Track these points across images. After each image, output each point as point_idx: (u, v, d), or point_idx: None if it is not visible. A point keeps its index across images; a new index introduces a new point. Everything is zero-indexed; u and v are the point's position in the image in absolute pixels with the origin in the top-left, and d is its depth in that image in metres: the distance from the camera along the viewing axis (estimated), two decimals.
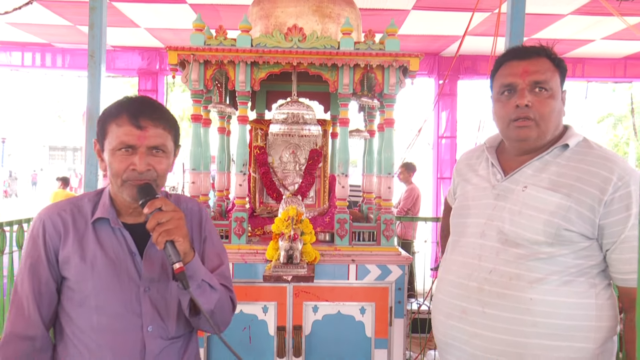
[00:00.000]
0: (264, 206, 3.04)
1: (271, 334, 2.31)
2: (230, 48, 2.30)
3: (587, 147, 1.40)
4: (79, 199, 1.31)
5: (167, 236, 1.15)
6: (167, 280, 1.29)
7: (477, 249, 1.42)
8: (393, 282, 2.33)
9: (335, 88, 2.36)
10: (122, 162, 1.21)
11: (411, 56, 2.30)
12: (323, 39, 2.32)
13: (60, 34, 6.69)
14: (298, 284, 2.26)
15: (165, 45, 7.18)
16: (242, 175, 2.41)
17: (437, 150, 7.45)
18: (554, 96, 1.38)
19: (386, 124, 2.47)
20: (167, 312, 1.28)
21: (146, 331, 1.25)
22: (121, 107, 1.24)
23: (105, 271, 1.23)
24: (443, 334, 1.47)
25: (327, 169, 3.10)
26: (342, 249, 2.37)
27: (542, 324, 1.29)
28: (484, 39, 6.08)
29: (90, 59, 3.83)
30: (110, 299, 1.23)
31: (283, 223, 2.12)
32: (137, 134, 1.20)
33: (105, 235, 1.27)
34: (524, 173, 1.42)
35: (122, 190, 1.24)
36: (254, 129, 3.06)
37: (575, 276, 1.31)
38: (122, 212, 1.30)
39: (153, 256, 1.29)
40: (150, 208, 1.17)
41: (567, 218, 1.30)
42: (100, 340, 1.22)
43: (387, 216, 2.43)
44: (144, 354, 1.24)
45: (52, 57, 7.53)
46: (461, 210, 1.55)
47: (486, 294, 1.35)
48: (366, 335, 2.34)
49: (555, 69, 1.40)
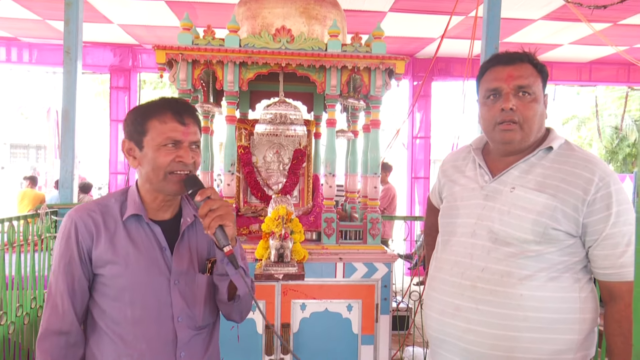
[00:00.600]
0: (248, 205, 3.06)
1: (259, 332, 2.34)
2: (219, 48, 2.31)
3: (569, 150, 1.48)
4: (106, 200, 1.36)
5: (220, 221, 1.23)
6: (195, 273, 1.36)
7: (468, 247, 1.48)
8: (379, 279, 2.39)
9: (323, 89, 2.40)
10: (168, 155, 1.28)
11: (397, 59, 2.36)
12: (311, 41, 2.36)
13: (28, 28, 6.50)
14: (287, 282, 2.29)
15: (138, 41, 7.08)
16: (230, 175, 2.42)
17: (411, 151, 7.59)
18: (537, 100, 1.45)
19: (372, 125, 2.52)
20: (195, 303, 1.36)
21: (177, 321, 1.32)
22: (164, 106, 1.31)
23: (138, 266, 1.29)
24: (436, 331, 1.53)
25: (310, 169, 3.14)
26: (330, 248, 2.42)
27: (533, 318, 1.36)
28: (458, 42, 6.23)
29: (66, 56, 3.76)
30: (143, 293, 1.29)
31: (273, 222, 2.15)
32: (181, 130, 1.29)
33: (136, 232, 1.32)
34: (511, 174, 1.48)
35: (164, 184, 1.30)
36: (238, 129, 3.07)
37: (561, 272, 1.39)
38: (151, 209, 1.36)
39: (182, 250, 1.36)
40: (202, 196, 1.25)
41: (553, 217, 1.37)
42: (135, 331, 1.28)
43: (373, 215, 2.48)
44: (175, 343, 1.32)
45: (18, 51, 7.30)
46: (450, 210, 1.61)
47: (479, 291, 1.41)
48: (353, 332, 2.39)
49: (538, 74, 1.47)
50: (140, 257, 1.30)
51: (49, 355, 1.26)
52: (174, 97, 1.38)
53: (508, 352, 1.38)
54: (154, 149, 1.29)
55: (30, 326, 3.17)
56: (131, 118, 1.33)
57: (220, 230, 1.23)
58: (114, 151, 7.51)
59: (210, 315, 1.41)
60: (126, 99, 7.43)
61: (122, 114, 7.42)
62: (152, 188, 1.33)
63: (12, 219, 3.05)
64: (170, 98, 1.36)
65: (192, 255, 1.37)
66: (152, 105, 1.33)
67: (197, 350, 1.37)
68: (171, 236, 1.36)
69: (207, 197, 1.25)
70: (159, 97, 1.36)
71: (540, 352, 1.36)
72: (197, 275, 1.36)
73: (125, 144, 1.35)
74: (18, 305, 3.03)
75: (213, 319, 1.44)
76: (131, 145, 1.33)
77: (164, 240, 1.34)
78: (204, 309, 1.38)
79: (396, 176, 7.75)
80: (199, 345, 1.38)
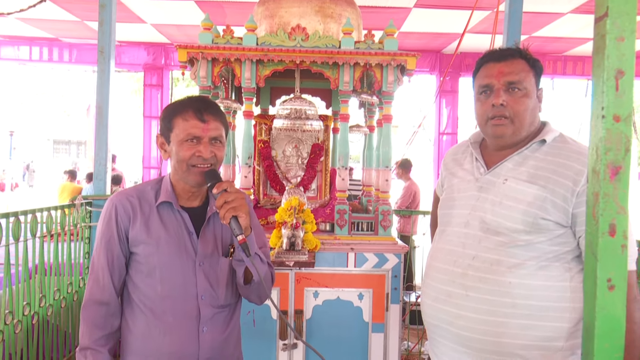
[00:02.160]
0: (267, 198, 3.18)
1: (274, 317, 2.45)
2: (237, 47, 2.43)
3: (562, 142, 1.52)
4: (143, 187, 1.53)
5: (234, 212, 1.35)
6: (218, 257, 1.50)
7: (461, 237, 1.53)
8: (390, 269, 2.46)
9: (336, 85, 2.49)
10: (189, 150, 1.41)
11: (408, 55, 2.42)
12: (325, 38, 2.45)
13: (67, 29, 6.83)
14: (299, 269, 2.39)
15: (170, 40, 7.33)
16: (247, 168, 2.54)
17: (438, 147, 7.57)
18: (528, 95, 1.49)
19: (384, 120, 2.59)
20: (217, 283, 1.49)
21: (200, 299, 1.46)
22: (187, 104, 1.44)
23: (168, 248, 1.44)
24: (430, 317, 1.59)
25: (328, 163, 3.22)
26: (342, 238, 2.51)
27: (521, 305, 1.41)
28: (485, 37, 6.18)
29: (99, 55, 3.97)
30: (172, 272, 1.44)
31: (286, 212, 2.25)
32: (201, 127, 1.41)
33: (167, 217, 1.47)
34: (505, 167, 1.53)
35: (186, 176, 1.44)
36: (258, 124, 3.19)
37: (551, 261, 1.43)
38: (181, 197, 1.50)
39: (208, 235, 1.49)
40: (218, 189, 1.38)
41: (543, 208, 1.41)
42: (163, 306, 1.43)
43: (384, 207, 2.56)
44: (199, 318, 1.46)
45: (59, 51, 7.68)
46: (447, 202, 1.67)
47: (469, 278, 1.47)
48: (364, 320, 2.47)
49: (530, 69, 1.51)
50: (170, 240, 1.44)
51: (90, 321, 1.42)
52: (200, 96, 1.51)
53: (497, 337, 1.43)
54: (178, 144, 1.42)
55: (67, 309, 3.39)
56: (163, 115, 1.48)
57: (235, 220, 1.35)
58: (148, 146, 7.80)
59: (232, 295, 1.54)
60: (159, 96, 7.70)
61: (155, 111, 7.70)
62: (179, 178, 1.47)
63: (50, 209, 3.26)
64: (195, 97, 1.50)
65: (217, 240, 1.51)
66: (178, 103, 1.48)
67: (218, 327, 1.50)
68: (199, 222, 1.49)
69: (223, 190, 1.37)
70: (187, 95, 1.51)
71: (528, 339, 1.40)
72: (220, 259, 1.50)
73: (158, 139, 1.51)
74: (56, 290, 3.25)
75: (235, 299, 1.56)
76: (162, 140, 1.49)
77: (191, 225, 1.47)
78: (226, 289, 1.51)
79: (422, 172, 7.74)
80: (221, 322, 1.51)
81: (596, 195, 0.75)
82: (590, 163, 0.78)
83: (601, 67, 0.74)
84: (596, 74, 0.76)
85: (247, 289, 1.52)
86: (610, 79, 0.73)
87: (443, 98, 7.52)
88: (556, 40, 6.60)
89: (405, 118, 18.76)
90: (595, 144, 0.76)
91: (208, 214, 1.50)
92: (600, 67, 0.75)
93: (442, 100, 7.53)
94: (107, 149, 4.04)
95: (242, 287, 1.52)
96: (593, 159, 0.76)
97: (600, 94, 0.75)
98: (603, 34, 0.74)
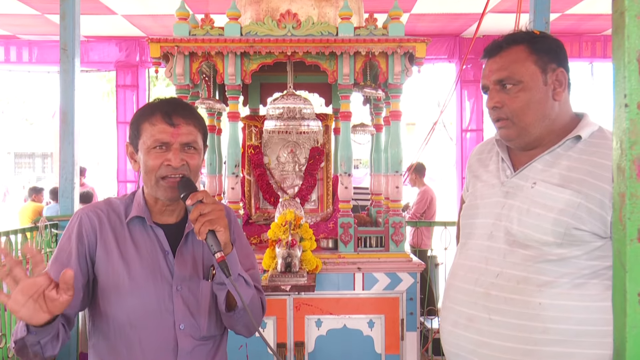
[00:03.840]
0: (260, 212, 3.20)
1: (270, 352, 2.46)
2: (218, 38, 2.46)
3: (601, 138, 1.48)
4: (113, 201, 1.55)
5: (210, 226, 1.34)
6: (198, 280, 1.49)
7: (484, 251, 1.53)
8: (404, 291, 2.47)
9: (335, 79, 2.52)
10: (157, 158, 1.42)
11: (417, 41, 2.44)
12: (320, 25, 2.48)
13: (26, 24, 6.92)
14: (298, 295, 2.40)
15: (145, 33, 7.41)
16: (234, 178, 2.57)
17: (460, 146, 7.58)
18: (526, 87, 1.47)
19: (392, 117, 2.61)
20: (199, 311, 1.48)
21: (178, 329, 1.45)
22: (154, 107, 1.47)
23: (140, 270, 1.44)
24: (450, 344, 1.59)
25: (330, 169, 3.25)
26: (347, 256, 2.52)
27: (553, 330, 1.39)
28: (509, 17, 6.20)
29: (62, 53, 4.02)
30: (145, 297, 1.43)
31: (280, 228, 2.27)
32: (170, 132, 1.43)
33: (139, 235, 1.49)
34: (534, 168, 1.51)
35: (156, 189, 1.45)
36: (247, 127, 3.22)
37: (588, 278, 1.41)
38: (154, 212, 1.52)
39: (185, 255, 1.49)
40: (192, 200, 1.37)
41: (576, 216, 1.39)
42: (136, 336, 1.42)
43: (395, 219, 2.57)
44: (176, 352, 1.45)
45: (18, 50, 7.76)
46: (470, 210, 1.66)
47: (493, 299, 1.46)
48: (375, 351, 2.48)
49: (530, 54, 1.49)
50: (142, 261, 1.45)
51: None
52: (170, 97, 1.53)
53: None
54: (145, 152, 1.44)
55: None
56: (131, 121, 1.50)
57: (212, 235, 1.35)
58: (123, 157, 7.85)
59: (216, 326, 1.54)
60: (134, 97, 7.77)
61: (130, 115, 7.75)
62: (149, 191, 1.48)
63: (9, 233, 3.30)
64: (165, 98, 1.52)
65: (197, 261, 1.51)
66: (147, 107, 1.50)
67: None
68: (175, 240, 1.50)
69: (198, 201, 1.37)
70: (158, 97, 1.54)
71: None
72: (201, 282, 1.50)
73: (127, 148, 1.53)
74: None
75: (220, 330, 1.56)
76: (132, 149, 1.50)
77: (166, 243, 1.48)
78: (209, 318, 1.51)
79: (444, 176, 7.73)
80: (203, 357, 1.51)
81: (622, 196, 0.76)
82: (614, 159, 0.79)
83: (621, 48, 0.76)
84: (616, 57, 0.77)
85: (230, 317, 1.51)
86: (632, 62, 0.74)
87: (464, 89, 7.53)
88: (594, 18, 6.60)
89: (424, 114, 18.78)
90: (618, 137, 0.77)
91: (186, 230, 1.51)
92: (620, 49, 0.76)
93: (464, 91, 7.54)
94: (74, 162, 4.07)
95: (225, 315, 1.51)
96: (617, 155, 0.77)
97: (621, 80, 0.76)
98: (622, 11, 0.75)
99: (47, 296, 1.19)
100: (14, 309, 1.17)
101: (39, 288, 1.18)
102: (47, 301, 1.19)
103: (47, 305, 1.19)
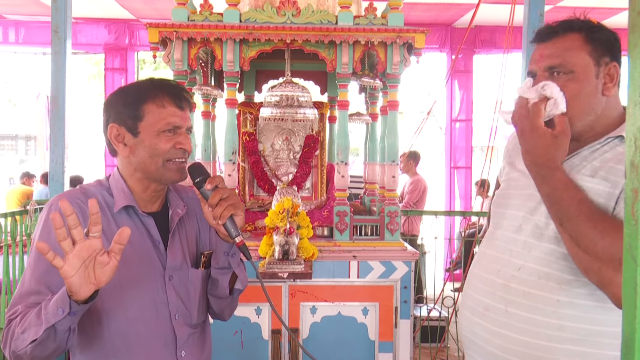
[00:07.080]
0: (254, 199, 3.20)
1: (265, 338, 2.48)
2: (217, 24, 2.45)
3: None
4: (87, 188, 1.47)
5: (232, 210, 1.34)
6: (188, 268, 1.49)
7: (510, 243, 1.52)
8: (398, 279, 2.50)
9: (333, 67, 2.52)
10: (169, 141, 1.41)
11: (416, 32, 2.45)
12: (319, 13, 2.48)
13: (13, 4, 6.78)
14: (294, 282, 2.43)
15: (135, 16, 7.31)
16: (231, 165, 2.57)
17: (450, 136, 7.61)
18: (578, 78, 1.41)
19: (389, 107, 2.63)
20: (189, 300, 1.49)
21: (174, 319, 1.46)
22: (158, 88, 1.43)
23: (132, 262, 1.39)
24: (467, 330, 1.61)
25: (324, 157, 3.26)
26: (342, 245, 2.54)
27: (569, 328, 1.39)
28: (504, 7, 6.22)
29: (54, 35, 3.96)
30: (139, 291, 1.41)
31: (277, 216, 2.28)
32: (180, 115, 1.43)
33: (127, 225, 1.37)
34: (571, 162, 1.47)
35: (162, 172, 1.42)
36: (243, 113, 3.21)
37: None
38: (141, 200, 1.48)
39: (175, 244, 1.49)
40: (212, 184, 1.36)
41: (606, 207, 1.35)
42: (135, 330, 1.41)
43: (391, 208, 2.59)
44: (175, 341, 1.46)
45: (4, 31, 7.61)
46: (501, 199, 1.64)
47: (512, 292, 1.46)
48: (369, 338, 2.51)
49: (585, 44, 1.42)
50: (132, 252, 1.39)
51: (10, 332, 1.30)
52: (168, 79, 1.50)
53: None
54: (154, 135, 1.40)
55: None
56: (122, 100, 1.43)
57: (231, 220, 1.35)
58: None
59: (203, 313, 1.56)
60: (123, 81, 7.67)
61: None
62: (145, 177, 1.44)
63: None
64: (165, 80, 1.49)
65: (184, 249, 1.50)
66: (145, 87, 1.44)
67: (195, 349, 1.52)
68: (161, 229, 1.48)
69: (216, 186, 1.37)
70: (149, 77, 1.49)
71: None
72: (190, 271, 1.49)
73: (113, 130, 1.43)
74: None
75: (204, 317, 1.58)
76: (122, 131, 1.42)
77: (157, 233, 1.45)
78: (199, 305, 1.52)
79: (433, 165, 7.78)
80: (196, 343, 1.53)
81: (635, 192, 0.78)
82: (627, 155, 0.80)
83: (637, 47, 0.77)
84: (632, 56, 0.79)
85: (226, 301, 1.54)
86: None
87: (455, 79, 7.54)
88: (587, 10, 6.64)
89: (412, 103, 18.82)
90: (632, 134, 0.79)
91: (174, 218, 1.49)
92: (636, 48, 0.78)
93: (454, 81, 7.56)
94: (64, 145, 4.03)
95: (222, 299, 1.53)
96: (631, 151, 0.79)
97: (637, 77, 0.78)
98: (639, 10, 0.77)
99: (98, 261, 1.16)
100: (67, 274, 1.13)
101: (94, 252, 1.16)
102: (96, 268, 1.17)
103: (95, 275, 1.17)
